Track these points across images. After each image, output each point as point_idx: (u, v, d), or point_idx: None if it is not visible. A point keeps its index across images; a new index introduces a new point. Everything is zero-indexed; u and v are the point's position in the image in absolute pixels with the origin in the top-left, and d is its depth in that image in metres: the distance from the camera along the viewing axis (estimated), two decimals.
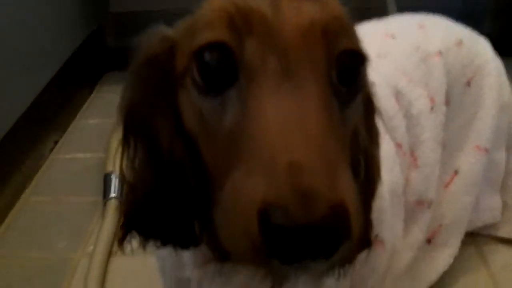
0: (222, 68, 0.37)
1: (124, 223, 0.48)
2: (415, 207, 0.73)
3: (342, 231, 0.31)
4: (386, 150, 0.64)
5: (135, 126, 0.45)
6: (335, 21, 0.39)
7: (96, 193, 1.16)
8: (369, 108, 0.48)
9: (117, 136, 0.85)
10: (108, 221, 1.06)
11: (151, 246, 0.49)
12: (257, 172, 0.32)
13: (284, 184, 0.30)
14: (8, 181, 1.19)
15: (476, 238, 0.96)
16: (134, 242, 0.49)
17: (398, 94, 0.73)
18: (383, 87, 0.70)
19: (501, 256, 0.94)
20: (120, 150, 0.48)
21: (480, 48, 0.86)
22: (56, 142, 1.41)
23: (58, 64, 1.50)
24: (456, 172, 0.83)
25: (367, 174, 0.47)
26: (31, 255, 1.03)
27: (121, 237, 0.48)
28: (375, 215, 0.54)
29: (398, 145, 0.69)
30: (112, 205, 1.10)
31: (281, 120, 0.33)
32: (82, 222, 1.11)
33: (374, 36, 0.80)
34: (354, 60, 0.40)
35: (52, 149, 1.38)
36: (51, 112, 1.44)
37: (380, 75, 0.71)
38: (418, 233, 0.74)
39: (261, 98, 0.35)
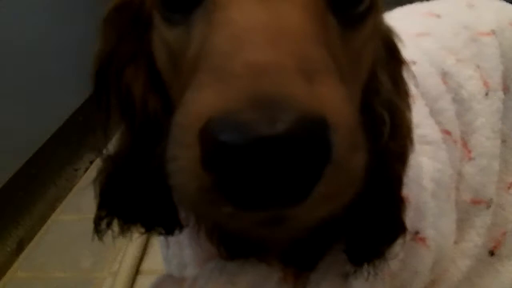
0: None
1: (99, 204, 0.41)
2: (470, 206, 0.61)
3: (317, 148, 0.21)
4: (429, 134, 0.54)
5: (107, 81, 0.38)
6: None
7: None
8: (392, 54, 0.39)
9: None
10: (136, 243, 0.99)
11: (132, 232, 0.41)
12: (207, 82, 0.23)
13: (236, 88, 0.22)
14: (39, 200, 1.17)
15: None
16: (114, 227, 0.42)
17: (445, 75, 0.62)
18: (425, 65, 0.60)
19: None
20: None
21: None
22: (91, 162, 1.38)
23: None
24: None
25: (392, 134, 0.37)
26: (56, 275, 0.99)
27: (96, 221, 0.40)
28: (413, 205, 0.44)
29: (446, 132, 0.58)
30: None
31: (248, 23, 0.25)
32: (110, 242, 1.05)
33: (415, 15, 0.71)
34: None
35: (87, 168, 1.35)
36: (89, 129, 1.42)
37: (422, 52, 0.62)
38: (475, 238, 0.62)
39: (229, 7, 0.27)
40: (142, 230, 0.42)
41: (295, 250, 0.45)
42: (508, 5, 0.78)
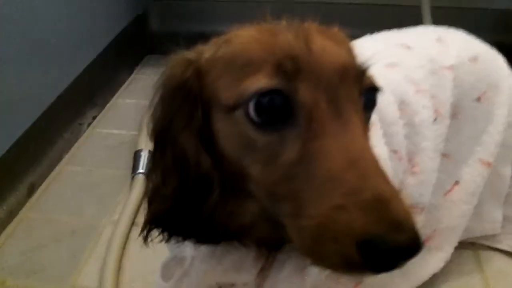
0: (278, 109, 0.44)
1: (149, 221, 0.54)
2: None
3: (421, 243, 0.39)
4: (379, 153, 0.69)
5: (164, 144, 0.51)
6: (357, 61, 0.47)
7: (126, 167, 1.26)
8: None
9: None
10: (134, 194, 1.15)
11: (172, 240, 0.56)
12: (348, 208, 0.39)
13: (378, 217, 0.38)
14: (48, 151, 1.30)
15: (475, 243, 1.00)
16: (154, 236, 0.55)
17: (403, 103, 0.77)
18: (387, 95, 0.75)
19: (496, 262, 0.98)
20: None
21: (496, 65, 0.89)
22: (94, 118, 1.52)
23: (102, 44, 1.60)
24: (457, 182, 0.87)
25: None
26: (62, 219, 1.13)
27: (145, 232, 0.54)
28: None
29: (394, 151, 0.73)
30: (139, 179, 1.19)
31: (346, 157, 0.41)
32: (111, 193, 1.21)
33: (388, 45, 0.85)
34: (375, 93, 0.49)
35: (90, 124, 1.49)
36: (92, 89, 1.55)
37: (386, 83, 0.76)
38: None
39: (323, 138, 0.42)
40: (180, 239, 0.55)
41: (267, 236, 0.60)
42: (474, 41, 0.91)
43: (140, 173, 1.20)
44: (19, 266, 1.00)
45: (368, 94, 0.48)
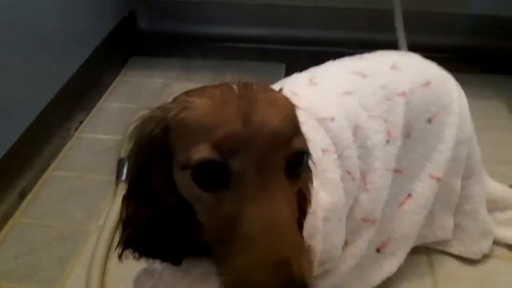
0: (215, 175, 0.53)
1: (123, 242, 0.64)
2: (361, 223, 0.88)
3: None
4: (331, 177, 0.79)
5: (140, 184, 0.61)
6: (291, 128, 0.56)
7: (112, 173, 1.34)
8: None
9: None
10: (118, 202, 1.21)
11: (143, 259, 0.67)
12: (259, 266, 0.48)
13: (279, 276, 0.47)
14: (38, 157, 1.38)
15: (429, 248, 1.10)
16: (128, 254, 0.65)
17: (357, 128, 0.86)
18: (342, 121, 0.84)
19: (447, 265, 1.08)
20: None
21: (447, 88, 0.98)
22: (81, 122, 1.59)
23: (91, 47, 1.67)
24: (410, 195, 0.97)
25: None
26: (52, 224, 1.21)
27: (120, 252, 0.65)
28: (307, 232, 0.70)
29: (348, 172, 0.83)
30: (123, 187, 1.26)
31: (263, 222, 0.50)
32: (98, 198, 1.29)
33: (345, 73, 0.93)
34: (302, 155, 0.57)
35: (77, 128, 1.56)
36: (81, 93, 1.62)
37: (342, 109, 0.85)
38: (361, 245, 0.89)
39: (248, 203, 0.51)
40: (150, 259, 0.66)
41: None
42: (428, 65, 1.00)
43: (123, 181, 1.28)
44: (13, 270, 1.09)
45: (297, 156, 0.56)
